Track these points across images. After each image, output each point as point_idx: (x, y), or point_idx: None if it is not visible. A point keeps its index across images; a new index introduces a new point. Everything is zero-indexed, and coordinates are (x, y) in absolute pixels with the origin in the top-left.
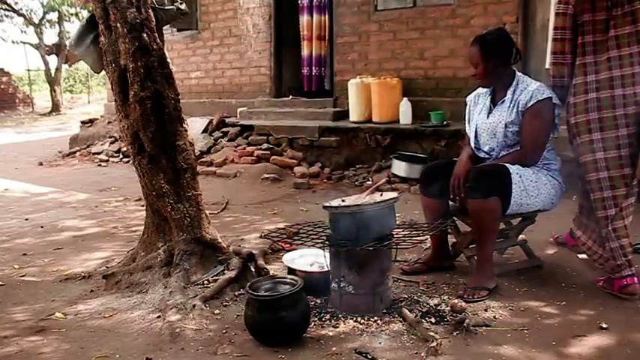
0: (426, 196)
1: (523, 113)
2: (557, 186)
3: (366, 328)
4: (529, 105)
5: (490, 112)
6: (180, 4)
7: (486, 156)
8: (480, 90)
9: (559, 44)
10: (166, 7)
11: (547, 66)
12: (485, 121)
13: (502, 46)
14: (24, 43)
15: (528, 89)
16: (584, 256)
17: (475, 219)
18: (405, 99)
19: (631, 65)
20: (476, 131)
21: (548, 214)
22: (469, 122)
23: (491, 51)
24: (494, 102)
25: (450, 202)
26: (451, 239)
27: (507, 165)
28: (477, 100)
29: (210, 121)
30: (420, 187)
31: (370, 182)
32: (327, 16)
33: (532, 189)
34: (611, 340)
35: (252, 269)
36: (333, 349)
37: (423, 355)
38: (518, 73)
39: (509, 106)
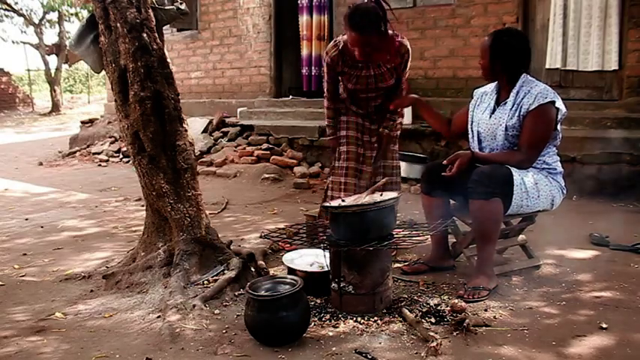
0: (427, 195)
1: (524, 117)
2: (558, 188)
3: (366, 328)
4: (531, 108)
5: (493, 112)
6: (180, 4)
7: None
8: (487, 88)
9: None
10: (166, 7)
11: (547, 66)
12: (487, 121)
13: (513, 52)
14: (24, 43)
15: (532, 92)
16: (580, 255)
17: (476, 220)
18: None
19: None
20: (478, 131)
21: (548, 214)
22: (471, 119)
23: (500, 54)
24: (499, 102)
25: (451, 201)
26: (451, 239)
27: (509, 167)
28: (483, 98)
29: (210, 121)
30: (421, 186)
31: None
32: (326, 16)
33: (533, 191)
34: (611, 340)
35: (252, 269)
36: (333, 349)
37: (423, 355)
38: (525, 75)
39: (511, 109)
